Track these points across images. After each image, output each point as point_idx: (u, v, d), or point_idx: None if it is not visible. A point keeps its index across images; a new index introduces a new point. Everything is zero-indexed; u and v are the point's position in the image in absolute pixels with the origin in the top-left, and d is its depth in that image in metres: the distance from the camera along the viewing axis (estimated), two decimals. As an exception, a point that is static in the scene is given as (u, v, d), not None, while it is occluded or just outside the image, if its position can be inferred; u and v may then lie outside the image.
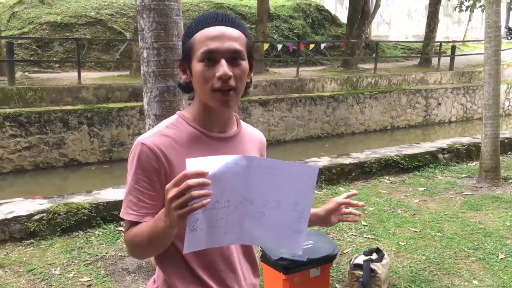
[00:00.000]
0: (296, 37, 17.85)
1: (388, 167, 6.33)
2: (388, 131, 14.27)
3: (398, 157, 6.44)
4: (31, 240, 3.93)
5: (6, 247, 3.84)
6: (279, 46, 14.45)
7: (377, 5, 15.92)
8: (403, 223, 4.75)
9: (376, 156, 6.35)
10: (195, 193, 1.04)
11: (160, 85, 2.00)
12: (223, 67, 1.20)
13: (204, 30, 1.23)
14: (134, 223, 1.27)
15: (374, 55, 16.52)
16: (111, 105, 10.05)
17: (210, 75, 1.21)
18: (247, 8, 18.13)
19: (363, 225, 4.67)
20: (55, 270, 3.54)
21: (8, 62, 9.82)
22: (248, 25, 17.23)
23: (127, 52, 13.53)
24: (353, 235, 4.44)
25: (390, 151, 6.65)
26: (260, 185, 1.16)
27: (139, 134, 10.30)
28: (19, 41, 13.05)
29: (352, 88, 14.07)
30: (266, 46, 14.02)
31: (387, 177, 6.24)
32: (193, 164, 1.09)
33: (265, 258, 3.26)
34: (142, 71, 2.04)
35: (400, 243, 4.26)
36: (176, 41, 1.99)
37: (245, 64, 1.26)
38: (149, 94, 2.03)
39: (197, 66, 1.23)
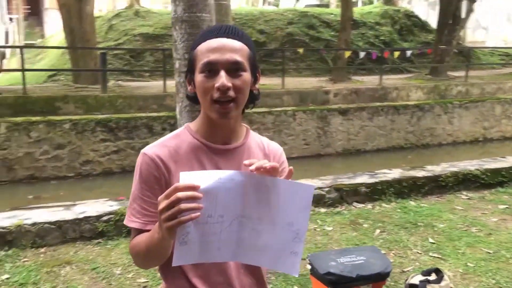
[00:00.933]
0: (382, 44, 17.38)
1: (466, 181, 5.94)
2: (479, 142, 13.40)
3: (478, 171, 6.03)
4: (99, 240, 4.20)
5: (76, 245, 4.14)
6: (362, 54, 14.14)
7: (470, 10, 15.06)
8: (475, 243, 4.43)
9: (454, 169, 6.00)
10: (183, 206, 1.06)
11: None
12: (222, 78, 1.22)
13: (206, 42, 1.26)
14: (138, 232, 1.31)
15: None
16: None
17: (210, 86, 1.23)
18: (332, 15, 17.98)
19: (430, 242, 4.43)
20: (116, 270, 3.75)
21: (102, 71, 10.57)
22: (332, 33, 17.08)
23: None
24: (418, 252, 4.23)
25: (470, 165, 6.24)
26: (255, 202, 1.15)
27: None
28: (115, 52, 14.00)
29: (439, 97, 13.40)
30: (347, 54, 13.80)
31: (464, 193, 5.86)
32: (187, 177, 1.10)
33: (313, 271, 3.21)
34: (175, 82, 2.11)
35: (468, 264, 3.98)
36: None
37: (246, 75, 1.27)
38: (180, 104, 2.10)
39: (198, 78, 1.26)
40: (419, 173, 5.83)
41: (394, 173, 5.78)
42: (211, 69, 1.23)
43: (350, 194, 5.34)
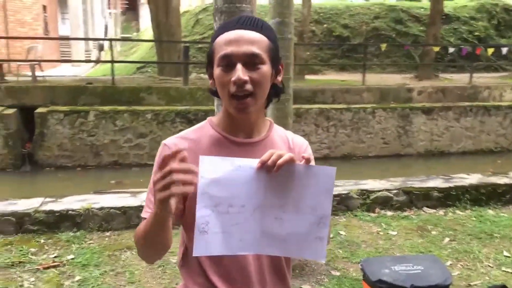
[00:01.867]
0: (477, 40, 16.32)
1: (556, 192, 5.40)
2: None
3: None
4: (161, 228, 4.33)
5: (139, 231, 4.30)
6: (451, 49, 13.35)
7: None
8: (558, 260, 4.02)
9: (542, 178, 5.48)
10: (175, 176, 1.03)
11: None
12: (238, 72, 1.17)
13: (224, 34, 1.22)
14: (144, 219, 1.26)
15: None
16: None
17: (227, 80, 1.19)
18: (422, 10, 17.15)
19: (505, 256, 4.08)
20: (172, 259, 3.84)
21: (183, 64, 10.91)
22: (421, 28, 16.31)
23: (295, 56, 13.90)
24: (489, 266, 3.92)
25: None
26: (277, 189, 1.13)
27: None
28: (199, 45, 14.40)
29: (538, 98, 12.32)
30: (436, 49, 13.09)
31: (553, 205, 5.34)
32: (207, 161, 1.10)
33: (365, 277, 3.08)
34: None
35: (546, 283, 3.62)
36: None
37: (265, 68, 1.21)
38: (216, 100, 2.08)
39: (216, 71, 1.22)
40: (501, 180, 5.39)
41: (471, 179, 5.40)
42: (228, 62, 1.19)
43: (420, 198, 5.06)
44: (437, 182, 5.25)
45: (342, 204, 4.88)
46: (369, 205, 4.95)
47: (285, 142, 1.36)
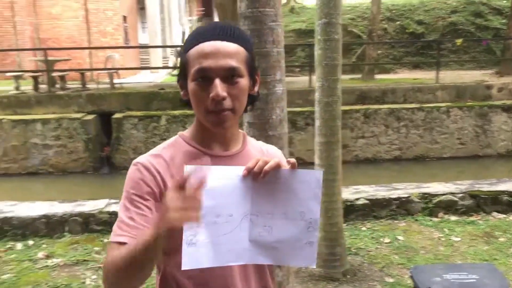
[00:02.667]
0: None
1: None
2: None
3: None
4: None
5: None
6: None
7: None
8: None
9: None
10: (198, 203, 0.99)
11: (252, 93, 2.04)
12: (217, 88, 1.12)
13: (199, 45, 1.15)
14: (119, 245, 1.13)
15: None
16: (337, 107, 10.30)
17: (204, 95, 1.13)
18: (504, 1, 16.09)
19: None
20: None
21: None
22: (503, 21, 15.30)
23: (364, 55, 13.62)
24: (562, 277, 3.60)
25: None
26: (264, 196, 1.12)
27: (363, 137, 10.34)
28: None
29: None
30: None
31: None
32: (192, 171, 1.04)
33: (415, 285, 2.96)
34: None
35: None
36: (270, 47, 1.98)
37: (243, 81, 1.17)
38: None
39: (190, 85, 1.15)
40: None
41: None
42: (204, 76, 1.13)
43: (488, 202, 4.76)
44: (508, 186, 4.91)
45: (402, 208, 4.71)
46: (432, 210, 4.74)
47: (260, 152, 1.32)
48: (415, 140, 10.33)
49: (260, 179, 1.11)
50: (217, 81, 1.12)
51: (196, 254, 1.05)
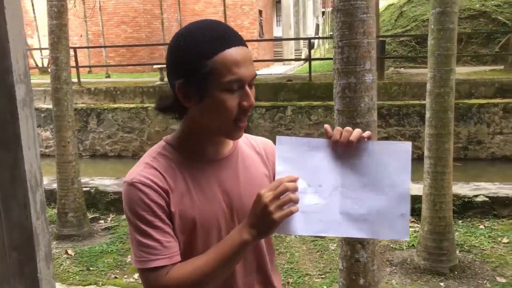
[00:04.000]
0: None
1: None
2: None
3: None
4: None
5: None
6: None
7: None
8: None
9: None
10: (293, 196, 1.04)
11: (342, 82, 2.13)
12: (251, 97, 1.10)
13: (226, 52, 1.07)
14: (165, 269, 1.10)
15: None
16: (473, 101, 9.69)
17: (234, 104, 1.09)
18: None
19: None
20: (332, 246, 4.06)
21: (379, 58, 10.85)
22: None
23: (509, 44, 12.50)
24: None
25: None
26: (353, 169, 1.13)
27: (501, 133, 9.56)
28: (401, 39, 14.05)
29: None
30: None
31: None
32: (282, 141, 1.13)
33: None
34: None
35: None
36: (361, 38, 2.05)
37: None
38: (334, 90, 2.21)
39: (219, 95, 1.07)
40: None
41: None
42: (238, 86, 1.08)
43: None
44: None
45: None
46: None
47: (250, 146, 1.30)
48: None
49: (348, 150, 1.12)
50: (248, 90, 1.10)
51: (287, 221, 1.07)
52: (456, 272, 3.56)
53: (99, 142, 11.40)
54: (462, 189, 4.68)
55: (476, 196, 4.52)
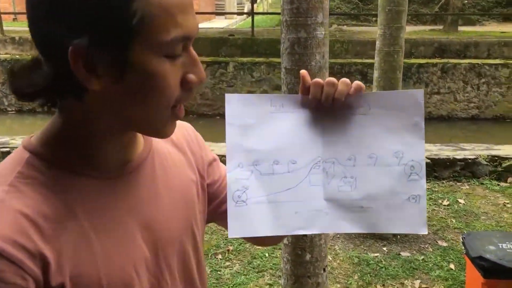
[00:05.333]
0: None
1: None
2: None
3: None
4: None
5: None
6: None
7: None
8: None
9: None
10: None
11: (291, 36, 1.88)
12: (201, 67, 0.69)
13: None
14: None
15: None
16: (412, 60, 9.75)
17: (177, 79, 0.66)
18: None
19: None
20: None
21: (323, 15, 10.64)
22: None
23: (448, 5, 12.66)
24: None
25: None
26: (341, 134, 0.82)
27: (438, 93, 9.74)
28: (344, -5, 13.92)
29: None
30: None
31: None
32: (233, 102, 0.81)
33: (467, 252, 2.78)
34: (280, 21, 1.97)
35: None
36: None
37: None
38: (281, 45, 1.96)
39: (155, 65, 0.64)
40: None
41: None
42: (183, 47, 0.67)
43: None
44: None
45: (467, 170, 4.42)
46: (501, 174, 4.40)
47: (165, 140, 0.85)
48: (496, 98, 9.60)
49: (333, 110, 0.80)
50: (195, 54, 0.69)
51: (247, 217, 0.79)
52: (398, 236, 3.52)
53: (26, 97, 10.62)
54: (404, 150, 4.63)
55: (418, 157, 4.49)
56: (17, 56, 10.51)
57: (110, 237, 0.70)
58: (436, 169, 4.46)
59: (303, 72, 0.82)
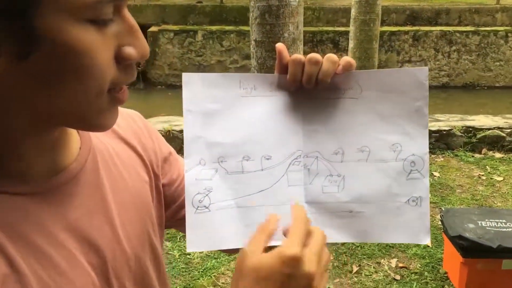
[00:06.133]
0: None
1: None
2: None
3: None
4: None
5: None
6: None
7: None
8: None
9: None
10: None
11: (261, 4, 1.69)
12: (141, 36, 0.52)
13: None
14: None
15: None
16: (384, 28, 9.60)
17: (108, 54, 0.49)
18: None
19: None
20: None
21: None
22: None
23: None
24: None
25: None
26: (327, 123, 0.67)
27: (409, 61, 9.67)
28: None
29: None
30: None
31: None
32: (192, 83, 0.64)
33: (445, 230, 2.70)
34: None
35: None
36: None
37: None
38: (250, 14, 1.76)
39: (74, 33, 0.45)
40: None
41: None
42: (114, 10, 0.49)
43: (540, 140, 4.32)
44: None
45: (442, 141, 4.34)
46: (475, 145, 4.35)
47: (111, 134, 0.68)
48: (466, 66, 9.60)
49: (315, 91, 0.65)
50: (132, 19, 0.52)
51: (210, 226, 0.64)
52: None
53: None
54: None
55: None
56: None
57: (46, 267, 0.53)
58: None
59: (280, 46, 0.65)
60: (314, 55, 0.63)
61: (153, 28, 9.83)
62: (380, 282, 2.72)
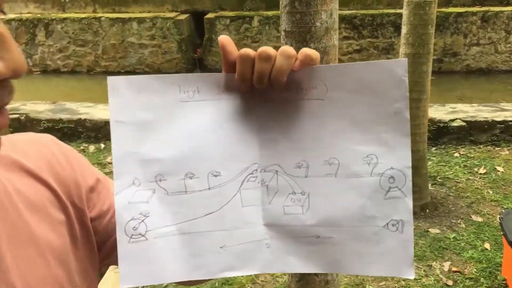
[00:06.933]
0: None
1: None
2: None
3: None
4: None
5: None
6: None
7: None
8: None
9: None
10: None
11: (292, -9, 1.56)
12: (13, 47, 0.39)
13: None
14: None
15: None
16: (450, 9, 9.06)
17: None
18: None
19: None
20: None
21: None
22: None
23: None
24: None
25: None
26: (287, 130, 0.56)
27: (477, 44, 9.06)
28: None
29: None
30: None
31: None
32: (119, 88, 0.54)
33: (504, 233, 2.46)
34: None
35: None
36: None
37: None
38: (280, 2, 1.62)
39: None
40: None
41: None
42: None
43: None
44: None
45: (508, 133, 4.00)
46: (547, 137, 3.98)
47: (16, 168, 0.57)
48: (542, 49, 8.88)
49: (272, 93, 0.55)
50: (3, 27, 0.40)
51: (147, 257, 0.54)
52: (427, 210, 3.20)
53: (50, 57, 10.48)
54: (437, 112, 4.24)
55: (453, 120, 4.09)
56: (39, 15, 10.34)
57: None
58: (473, 132, 4.07)
59: (223, 39, 0.54)
60: (266, 49, 0.52)
61: (210, 15, 9.85)
62: (429, 287, 2.53)
